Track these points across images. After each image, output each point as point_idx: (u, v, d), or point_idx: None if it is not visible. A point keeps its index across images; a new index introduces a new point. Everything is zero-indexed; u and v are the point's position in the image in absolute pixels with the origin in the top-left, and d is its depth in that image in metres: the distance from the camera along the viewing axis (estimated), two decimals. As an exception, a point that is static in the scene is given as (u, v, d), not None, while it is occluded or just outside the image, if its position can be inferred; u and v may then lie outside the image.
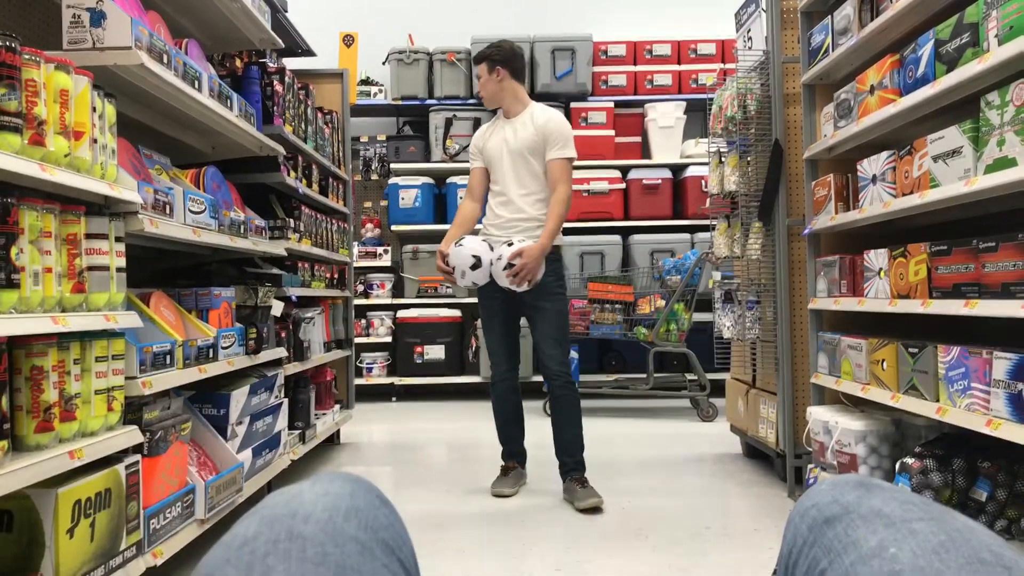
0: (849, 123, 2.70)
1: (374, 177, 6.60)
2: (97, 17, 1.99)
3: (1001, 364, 1.88)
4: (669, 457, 4.00)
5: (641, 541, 2.68)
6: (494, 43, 3.37)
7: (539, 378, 5.85)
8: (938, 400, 2.17)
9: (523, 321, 3.37)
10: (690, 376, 5.32)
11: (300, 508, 0.60)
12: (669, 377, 5.49)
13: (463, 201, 3.43)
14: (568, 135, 3.25)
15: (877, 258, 2.52)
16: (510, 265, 3.07)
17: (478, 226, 3.41)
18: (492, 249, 3.16)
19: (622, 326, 5.27)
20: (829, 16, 2.85)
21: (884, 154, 2.50)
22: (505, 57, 3.31)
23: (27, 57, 1.62)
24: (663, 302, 5.18)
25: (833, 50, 2.81)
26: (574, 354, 5.25)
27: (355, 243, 5.92)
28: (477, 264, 3.13)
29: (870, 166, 2.58)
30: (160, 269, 2.90)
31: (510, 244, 3.12)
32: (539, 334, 3.25)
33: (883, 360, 2.46)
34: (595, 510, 3.01)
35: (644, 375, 5.34)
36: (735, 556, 2.54)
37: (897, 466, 2.31)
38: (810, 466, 2.91)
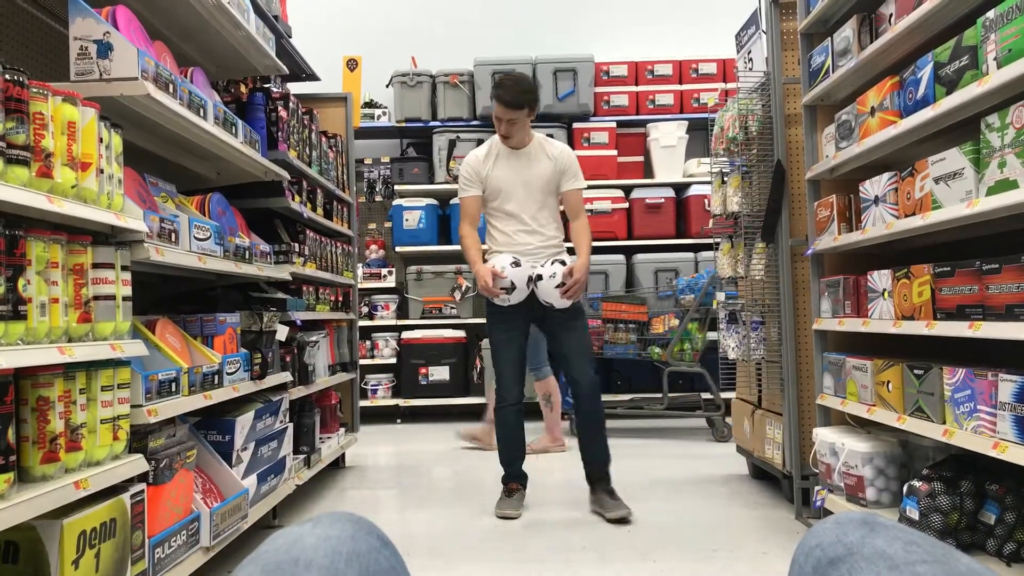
0: (850, 144, 2.71)
1: (378, 199, 6.64)
2: (104, 49, 2.02)
3: (1007, 386, 1.87)
4: (676, 478, 3.98)
5: (650, 565, 2.66)
6: (525, 86, 3.34)
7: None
8: (944, 422, 2.16)
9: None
10: (705, 396, 5.28)
11: (302, 554, 0.60)
12: (684, 397, 5.45)
13: (467, 227, 3.40)
14: (578, 166, 3.46)
15: (881, 279, 2.52)
16: (562, 283, 3.22)
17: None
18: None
19: (636, 346, 5.25)
20: (829, 38, 2.87)
21: (886, 175, 2.51)
22: (537, 96, 3.47)
23: (35, 91, 1.64)
24: (677, 321, 5.15)
25: (833, 71, 2.82)
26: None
27: (359, 264, 5.94)
28: (530, 282, 3.26)
29: (872, 187, 2.59)
30: (165, 294, 2.91)
31: (563, 263, 3.30)
32: (571, 351, 3.36)
33: (888, 381, 2.45)
34: (623, 520, 3.13)
35: (658, 394, 5.31)
36: (743, 580, 2.53)
37: (905, 489, 2.30)
38: (817, 488, 2.89)
